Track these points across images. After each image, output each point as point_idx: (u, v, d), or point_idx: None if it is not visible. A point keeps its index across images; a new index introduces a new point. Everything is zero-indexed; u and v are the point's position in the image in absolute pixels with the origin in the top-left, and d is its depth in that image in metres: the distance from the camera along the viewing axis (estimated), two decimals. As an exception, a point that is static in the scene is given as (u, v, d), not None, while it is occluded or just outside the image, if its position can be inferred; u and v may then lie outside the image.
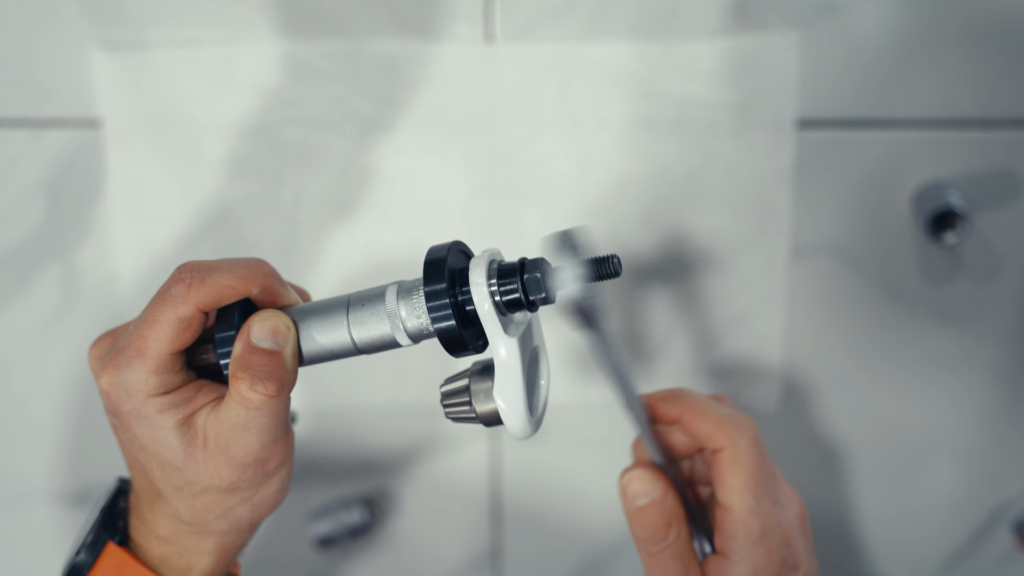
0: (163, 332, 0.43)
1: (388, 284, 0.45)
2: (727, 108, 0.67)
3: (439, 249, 0.44)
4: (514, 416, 0.43)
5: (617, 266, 0.42)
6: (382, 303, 0.45)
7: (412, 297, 0.44)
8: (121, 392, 0.44)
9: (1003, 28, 0.65)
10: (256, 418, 0.44)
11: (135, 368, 0.44)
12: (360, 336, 0.45)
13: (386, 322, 0.44)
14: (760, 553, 0.48)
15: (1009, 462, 0.73)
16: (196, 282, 0.44)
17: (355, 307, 0.45)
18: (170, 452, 0.44)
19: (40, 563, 0.76)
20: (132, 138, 0.68)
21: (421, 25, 0.67)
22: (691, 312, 0.71)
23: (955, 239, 0.65)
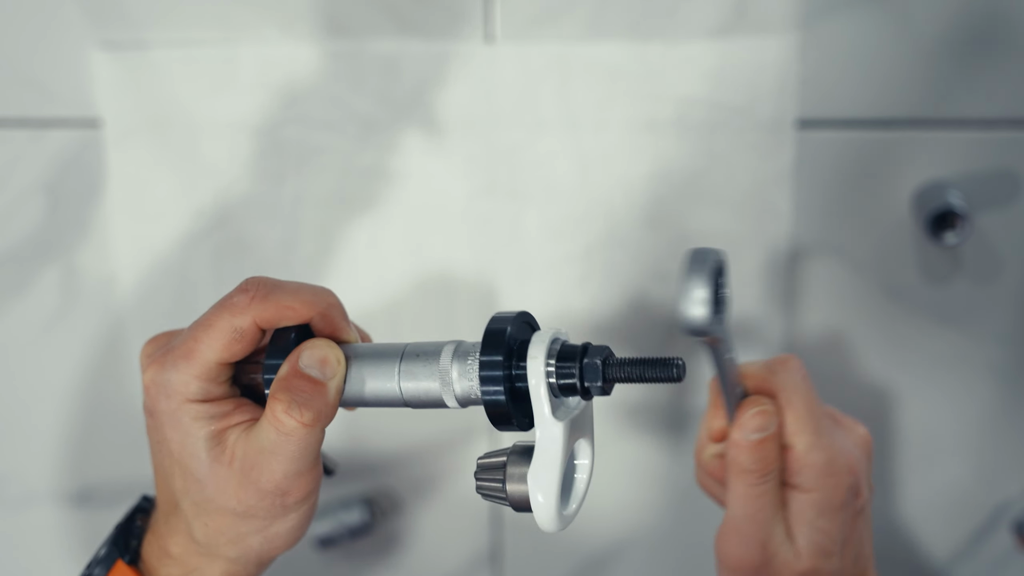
0: (215, 339, 0.43)
1: (447, 342, 0.44)
2: (727, 108, 0.67)
3: (503, 319, 0.43)
4: (544, 506, 0.42)
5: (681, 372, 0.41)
6: (436, 360, 0.44)
7: (467, 360, 0.43)
8: (161, 390, 0.43)
9: (1003, 28, 0.65)
10: (285, 444, 0.43)
11: (180, 368, 0.43)
12: (407, 388, 0.44)
13: (437, 380, 0.43)
14: (829, 483, 0.50)
15: (1009, 462, 0.73)
16: (259, 296, 0.44)
17: (409, 358, 0.44)
18: (195, 463, 0.44)
19: (41, 563, 0.76)
20: (132, 138, 0.68)
21: (421, 25, 0.67)
22: (691, 312, 0.71)
23: (955, 239, 0.65)
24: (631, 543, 0.75)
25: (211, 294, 0.71)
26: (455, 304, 0.71)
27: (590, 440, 0.45)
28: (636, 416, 0.73)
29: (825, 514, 0.50)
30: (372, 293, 0.71)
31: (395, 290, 0.71)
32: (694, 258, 0.40)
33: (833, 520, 0.50)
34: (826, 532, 0.50)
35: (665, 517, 0.75)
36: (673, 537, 0.76)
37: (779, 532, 0.51)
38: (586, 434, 0.45)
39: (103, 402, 0.73)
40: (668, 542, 0.76)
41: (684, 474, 0.74)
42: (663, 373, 0.41)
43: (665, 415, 0.73)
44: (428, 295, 0.71)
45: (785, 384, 0.52)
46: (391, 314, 0.71)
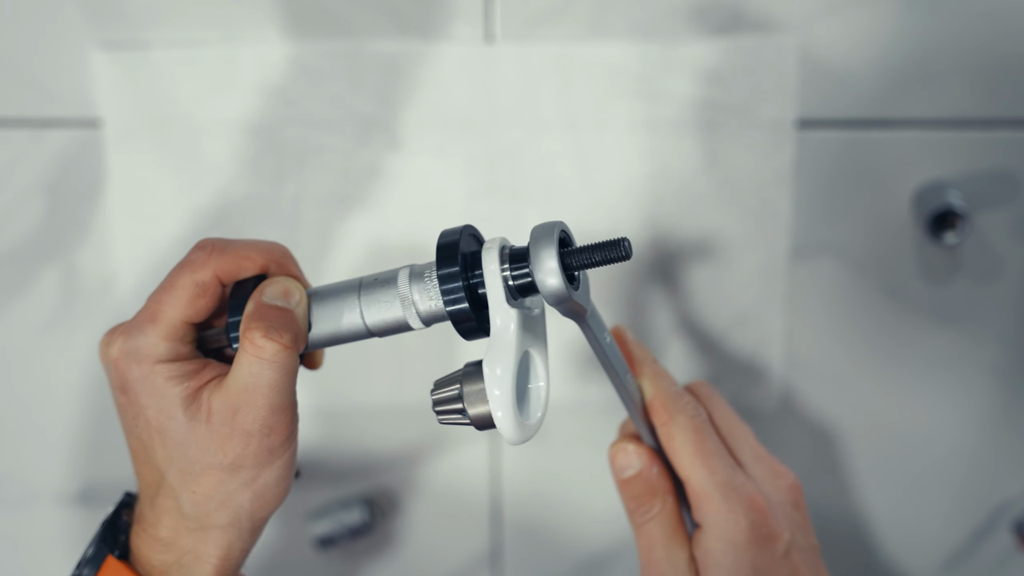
0: (179, 297, 0.44)
1: (400, 267, 0.46)
2: (727, 108, 0.67)
3: (451, 233, 0.45)
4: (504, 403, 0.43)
5: (627, 249, 0.43)
6: (394, 286, 0.45)
7: (424, 280, 0.45)
8: (131, 357, 0.44)
9: (1003, 28, 0.65)
10: (268, 373, 0.43)
11: (147, 332, 0.44)
12: (372, 319, 0.45)
13: (398, 305, 0.45)
14: (727, 519, 0.48)
15: (1009, 462, 0.73)
16: (217, 250, 0.45)
17: (367, 289, 0.45)
18: (174, 425, 0.44)
19: (41, 563, 0.76)
20: (132, 138, 0.68)
21: (421, 25, 0.67)
22: (691, 312, 0.71)
23: (955, 239, 0.65)
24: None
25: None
26: (455, 304, 0.71)
27: (544, 352, 0.47)
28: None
29: (730, 552, 0.48)
30: (372, 293, 0.71)
31: (395, 290, 0.71)
32: (538, 232, 0.43)
33: (742, 558, 0.48)
34: (737, 570, 0.48)
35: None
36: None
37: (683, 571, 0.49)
38: (540, 345, 0.46)
39: (103, 402, 0.73)
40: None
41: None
42: (612, 253, 0.43)
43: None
44: (428, 295, 0.71)
45: (673, 417, 0.51)
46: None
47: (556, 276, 0.42)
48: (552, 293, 0.42)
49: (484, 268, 0.43)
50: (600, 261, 0.43)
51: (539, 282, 0.42)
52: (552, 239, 0.42)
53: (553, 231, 0.43)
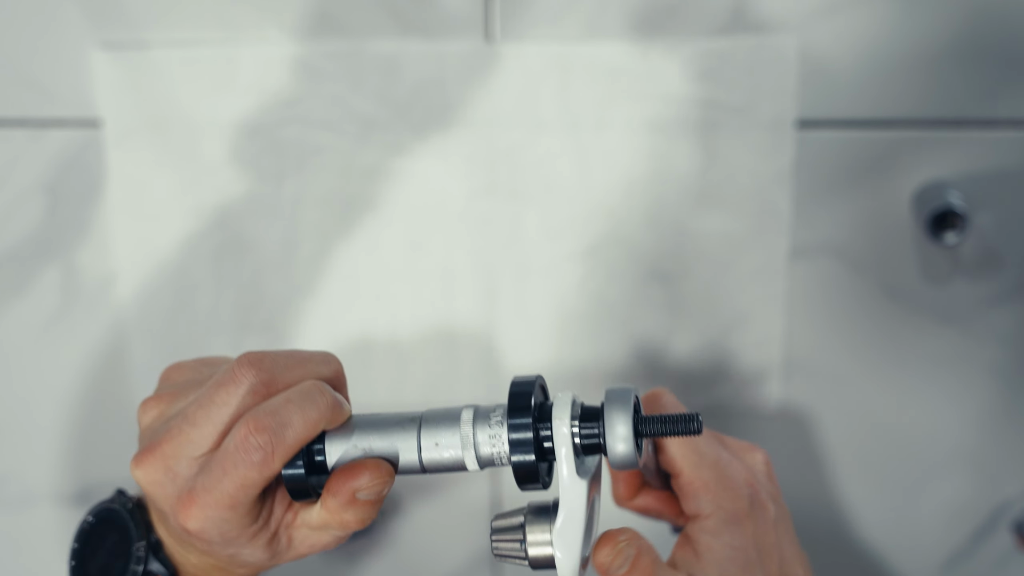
0: (251, 490, 0.42)
1: (462, 407, 0.45)
2: (727, 108, 0.67)
3: (525, 383, 0.45)
4: (568, 567, 0.43)
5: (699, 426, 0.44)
6: (456, 426, 0.44)
7: (491, 424, 0.44)
8: (214, 534, 0.43)
9: (1003, 28, 0.65)
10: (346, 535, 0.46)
11: (228, 519, 0.43)
12: (429, 458, 0.44)
13: (459, 445, 0.44)
14: (725, 497, 0.48)
15: (1009, 462, 0.73)
16: (278, 444, 0.42)
17: (427, 428, 0.44)
18: (255, 558, 0.45)
19: (41, 563, 0.76)
20: (132, 138, 0.68)
21: (421, 25, 0.67)
22: (691, 312, 0.71)
23: (955, 239, 0.65)
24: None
25: (211, 294, 0.71)
26: (455, 304, 0.71)
27: (599, 492, 0.47)
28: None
29: (734, 530, 0.48)
30: (371, 293, 0.71)
31: (394, 290, 0.71)
32: (613, 396, 0.44)
33: (745, 534, 0.48)
34: (739, 548, 0.48)
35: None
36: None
37: None
38: (598, 488, 0.46)
39: (103, 402, 0.73)
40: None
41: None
42: (685, 427, 0.44)
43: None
44: (427, 295, 0.71)
45: None
46: (390, 314, 0.71)
47: (628, 444, 0.43)
48: (621, 461, 0.43)
49: (554, 430, 0.43)
50: (671, 432, 0.44)
51: (609, 447, 0.43)
52: (628, 406, 0.43)
53: (629, 397, 0.43)
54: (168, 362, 0.71)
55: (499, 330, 0.71)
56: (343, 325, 0.71)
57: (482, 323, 0.71)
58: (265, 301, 0.71)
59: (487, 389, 0.72)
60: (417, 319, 0.71)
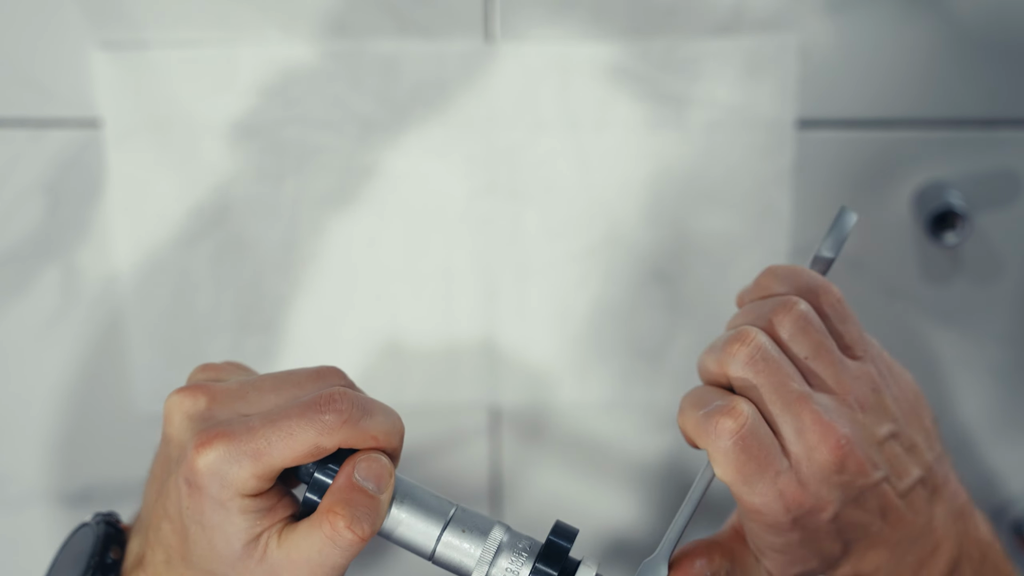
0: (292, 451, 0.42)
1: (496, 523, 0.45)
2: (727, 108, 0.67)
3: (568, 533, 0.45)
4: None
5: None
6: (483, 541, 0.44)
7: (514, 556, 0.44)
8: (217, 479, 0.42)
9: (1003, 28, 0.65)
10: (337, 557, 0.42)
11: (244, 466, 0.41)
12: (443, 552, 0.44)
13: (476, 557, 0.44)
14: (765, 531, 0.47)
15: (1009, 462, 0.73)
16: (352, 421, 0.42)
17: (455, 525, 0.45)
18: (228, 549, 0.43)
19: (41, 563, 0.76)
20: (132, 138, 0.68)
21: (421, 25, 0.67)
22: (691, 312, 0.71)
23: (955, 239, 0.65)
24: (631, 543, 0.75)
25: (211, 294, 0.71)
26: (455, 304, 0.71)
27: None
28: (636, 417, 0.73)
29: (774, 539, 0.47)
30: (371, 293, 0.71)
31: (394, 290, 0.71)
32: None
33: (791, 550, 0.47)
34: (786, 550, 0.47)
35: (666, 520, 0.75)
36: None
37: None
38: None
39: (103, 402, 0.73)
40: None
41: (686, 477, 0.74)
42: None
43: (666, 417, 0.73)
44: (427, 295, 0.71)
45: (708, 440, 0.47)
46: (390, 314, 0.71)
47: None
48: None
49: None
50: None
51: None
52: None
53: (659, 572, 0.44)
54: (168, 362, 0.71)
55: (499, 330, 0.71)
56: (343, 325, 0.71)
57: (482, 323, 0.71)
58: (265, 301, 0.71)
59: (487, 389, 0.72)
60: (417, 319, 0.71)
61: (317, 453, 0.42)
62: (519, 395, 0.72)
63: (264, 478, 0.42)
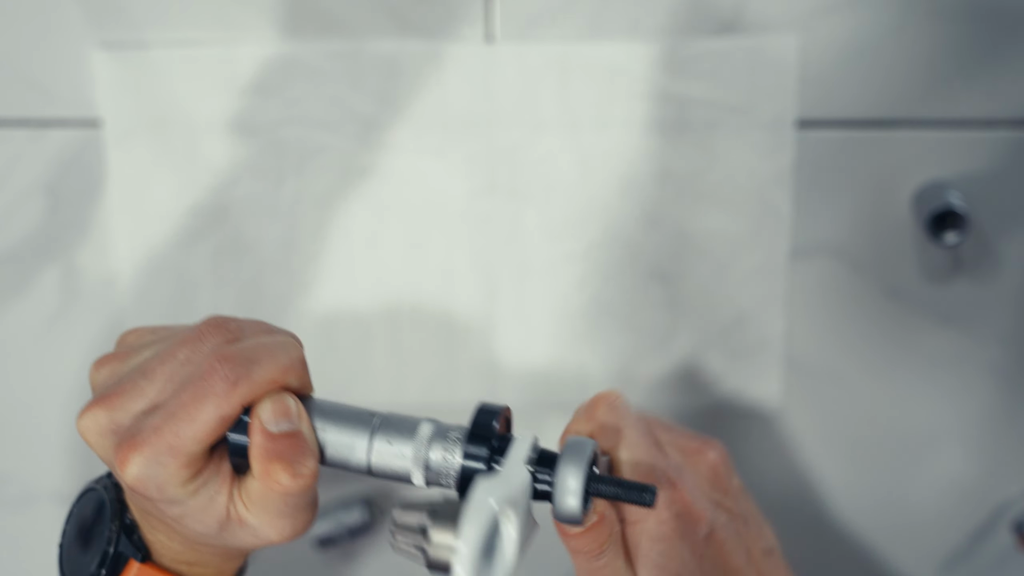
0: (201, 431, 0.41)
1: (422, 420, 0.44)
2: (727, 108, 0.67)
3: (491, 411, 0.44)
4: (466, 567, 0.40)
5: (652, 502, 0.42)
6: (411, 439, 0.43)
7: (445, 445, 0.43)
8: (152, 484, 0.41)
9: (1003, 28, 0.65)
10: (302, 497, 0.42)
11: (167, 464, 0.41)
12: (377, 463, 0.43)
13: (410, 458, 0.43)
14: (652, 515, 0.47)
15: (1009, 462, 0.73)
16: (242, 378, 0.41)
17: (382, 431, 0.44)
18: (204, 527, 0.43)
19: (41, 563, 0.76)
20: (132, 138, 0.68)
21: (421, 25, 0.67)
22: (691, 312, 0.71)
23: (955, 239, 0.65)
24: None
25: (211, 294, 0.71)
26: (454, 304, 0.71)
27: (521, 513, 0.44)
28: (636, 416, 0.73)
29: (659, 545, 0.47)
30: (371, 293, 0.71)
31: (394, 290, 0.71)
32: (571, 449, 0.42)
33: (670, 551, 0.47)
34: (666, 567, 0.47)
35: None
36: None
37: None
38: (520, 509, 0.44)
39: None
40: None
41: (684, 474, 0.74)
42: (637, 498, 0.42)
43: (665, 416, 0.73)
44: (427, 295, 0.71)
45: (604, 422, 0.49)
46: (390, 314, 0.71)
47: (576, 499, 0.42)
48: (566, 515, 0.42)
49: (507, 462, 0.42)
50: (622, 499, 0.42)
51: (557, 500, 0.42)
52: (584, 461, 0.42)
53: (586, 452, 0.42)
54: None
55: (499, 330, 0.71)
56: (343, 325, 0.71)
57: (482, 323, 0.71)
58: (265, 301, 0.71)
59: (487, 389, 0.72)
60: (417, 319, 0.71)
61: (226, 422, 0.41)
62: (519, 395, 0.72)
63: (192, 465, 0.41)
